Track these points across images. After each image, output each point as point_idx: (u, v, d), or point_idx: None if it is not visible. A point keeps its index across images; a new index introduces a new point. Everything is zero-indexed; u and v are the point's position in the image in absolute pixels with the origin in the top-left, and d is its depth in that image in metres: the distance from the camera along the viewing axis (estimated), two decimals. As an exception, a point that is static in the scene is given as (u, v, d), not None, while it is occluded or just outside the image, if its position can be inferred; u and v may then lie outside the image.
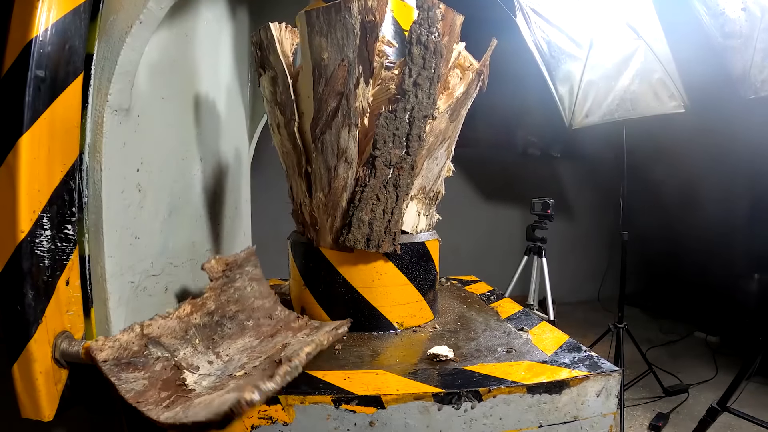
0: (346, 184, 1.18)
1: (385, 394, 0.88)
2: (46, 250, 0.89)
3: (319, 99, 1.13)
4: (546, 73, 2.77)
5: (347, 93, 1.11)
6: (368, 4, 1.06)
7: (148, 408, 0.78)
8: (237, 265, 1.23)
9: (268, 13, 1.96)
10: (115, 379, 0.82)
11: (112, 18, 1.05)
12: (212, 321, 1.08)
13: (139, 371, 0.87)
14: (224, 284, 1.17)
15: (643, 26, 2.50)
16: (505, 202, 4.97)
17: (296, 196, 1.34)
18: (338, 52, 1.09)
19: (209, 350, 1.02)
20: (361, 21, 1.07)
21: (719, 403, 2.03)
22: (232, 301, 1.16)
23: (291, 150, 1.27)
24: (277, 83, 1.25)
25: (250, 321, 1.16)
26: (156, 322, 0.96)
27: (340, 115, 1.13)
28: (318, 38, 1.10)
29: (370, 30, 1.08)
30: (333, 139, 1.15)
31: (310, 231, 1.30)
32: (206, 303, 1.09)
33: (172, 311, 1.01)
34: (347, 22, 1.07)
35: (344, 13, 1.06)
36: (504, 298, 1.66)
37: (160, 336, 0.95)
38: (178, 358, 0.94)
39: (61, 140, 0.93)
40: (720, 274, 3.86)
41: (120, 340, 0.88)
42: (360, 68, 1.11)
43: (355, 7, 1.06)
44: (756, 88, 1.93)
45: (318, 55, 1.11)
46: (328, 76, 1.11)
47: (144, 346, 0.91)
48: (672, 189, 4.28)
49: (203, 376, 0.93)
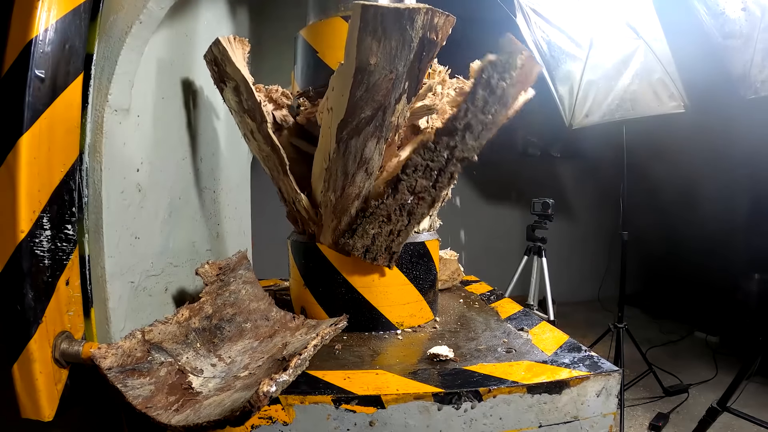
0: (360, 193, 1.15)
1: (385, 394, 0.88)
2: (46, 250, 0.89)
3: (355, 103, 1.05)
4: (546, 73, 2.76)
5: (386, 105, 1.04)
6: (434, 20, 0.96)
7: (157, 413, 0.78)
8: (230, 269, 1.25)
9: (268, 13, 1.97)
10: (121, 386, 0.82)
11: (112, 18, 1.05)
12: (211, 324, 1.08)
13: (144, 377, 0.87)
14: (219, 288, 1.18)
15: (643, 26, 2.50)
16: (505, 202, 4.98)
17: (287, 196, 1.31)
18: (388, 62, 0.99)
19: (211, 353, 1.02)
20: (422, 36, 0.97)
21: (719, 403, 2.03)
22: (229, 304, 1.17)
23: (270, 152, 1.24)
24: (240, 92, 1.22)
25: (248, 323, 1.17)
26: (156, 327, 0.96)
27: (372, 125, 1.06)
28: (369, 39, 0.97)
29: (428, 48, 0.99)
30: (358, 146, 1.10)
31: (310, 226, 1.29)
32: (203, 307, 1.10)
33: (171, 317, 1.02)
34: (406, 34, 0.96)
35: (406, 23, 0.95)
36: (504, 298, 1.66)
37: (162, 341, 0.95)
38: (181, 363, 0.94)
39: (61, 140, 0.93)
40: (720, 274, 3.87)
41: (123, 347, 0.88)
42: (406, 84, 1.03)
43: (419, 21, 0.95)
44: (756, 88, 1.93)
45: (365, 58, 0.99)
46: (370, 83, 1.01)
47: (147, 352, 0.91)
48: (672, 189, 4.28)
49: (208, 379, 0.94)
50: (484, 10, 2.83)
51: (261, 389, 0.70)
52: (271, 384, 0.71)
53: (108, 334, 1.05)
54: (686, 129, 3.29)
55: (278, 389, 0.73)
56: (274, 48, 1.95)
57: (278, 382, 0.73)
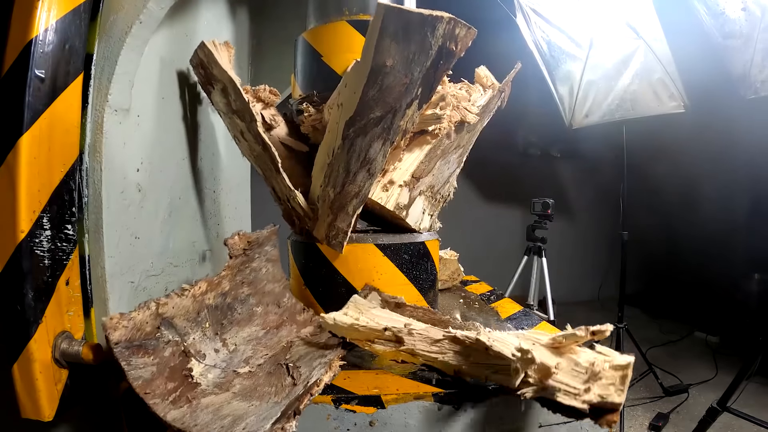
0: (360, 192, 1.15)
1: (385, 394, 0.89)
2: (46, 250, 0.89)
3: (366, 102, 1.05)
4: (546, 73, 2.77)
5: (397, 109, 1.04)
6: (455, 31, 0.96)
7: (154, 401, 0.78)
8: (258, 244, 1.21)
9: (268, 13, 1.96)
10: (125, 364, 0.81)
11: (112, 18, 1.05)
12: (224, 303, 1.07)
13: (148, 356, 0.86)
14: (242, 263, 1.15)
15: (643, 26, 2.51)
16: (505, 202, 4.98)
17: (281, 194, 1.30)
18: (404, 67, 0.98)
19: (217, 336, 1.02)
20: (441, 45, 0.97)
21: (719, 403, 2.03)
22: (246, 283, 1.15)
23: (261, 151, 1.24)
24: (228, 93, 1.23)
25: (260, 306, 1.16)
26: (172, 300, 0.94)
27: (380, 127, 1.06)
28: (388, 41, 0.96)
29: (446, 57, 0.99)
30: (364, 146, 1.10)
31: (306, 222, 1.28)
32: (221, 282, 1.08)
33: (188, 287, 0.99)
34: (426, 41, 0.95)
35: (427, 30, 0.94)
36: (504, 298, 1.66)
37: (174, 317, 0.94)
38: (187, 344, 0.94)
39: (61, 140, 0.93)
40: (720, 274, 3.87)
41: (135, 319, 0.86)
42: (419, 90, 1.03)
43: (440, 29, 0.95)
44: (756, 88, 1.93)
45: (381, 59, 0.98)
46: (384, 84, 1.01)
47: (156, 328, 0.90)
48: (672, 189, 4.28)
49: (209, 368, 0.93)
50: (484, 10, 2.83)
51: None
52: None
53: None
54: (686, 129, 3.29)
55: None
56: (274, 48, 1.95)
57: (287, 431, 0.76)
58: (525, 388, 0.78)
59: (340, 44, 1.30)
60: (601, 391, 0.72)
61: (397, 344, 0.95)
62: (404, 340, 0.95)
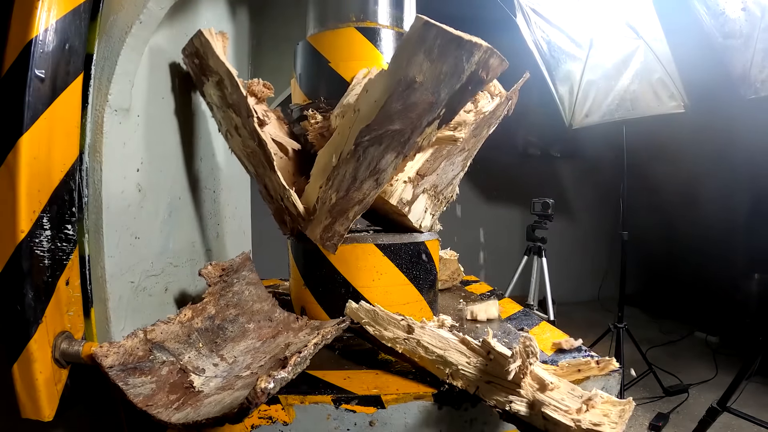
0: (363, 200, 1.14)
1: (385, 394, 0.89)
2: (46, 250, 0.89)
3: (387, 113, 1.02)
4: (546, 73, 2.77)
5: (416, 125, 1.02)
6: (490, 60, 0.96)
7: (158, 411, 0.78)
8: (233, 270, 1.24)
9: (268, 13, 1.96)
10: (122, 384, 0.82)
11: (112, 18, 1.05)
12: (213, 325, 1.08)
13: (145, 375, 0.87)
14: (222, 289, 1.18)
15: (643, 26, 2.51)
16: (505, 202, 4.98)
17: (274, 193, 1.27)
18: (434, 85, 0.97)
19: (213, 353, 1.02)
20: (473, 71, 0.96)
21: (719, 403, 2.03)
22: (232, 305, 1.17)
23: (256, 148, 1.22)
24: (224, 85, 1.20)
25: (251, 324, 1.17)
26: (158, 327, 0.96)
27: (396, 140, 1.05)
28: (421, 57, 0.95)
29: (475, 84, 0.99)
30: (376, 156, 1.08)
31: (299, 222, 1.25)
32: (206, 308, 1.10)
33: (174, 317, 1.01)
34: (460, 64, 0.94)
35: (463, 55, 0.93)
36: (504, 298, 1.66)
37: (164, 341, 0.95)
38: (183, 362, 0.94)
39: (61, 140, 0.93)
40: (720, 274, 3.87)
41: (124, 346, 0.88)
42: (443, 111, 1.02)
43: (476, 56, 0.94)
44: (756, 88, 1.93)
45: (411, 73, 0.97)
46: (408, 100, 1.00)
47: (149, 351, 0.91)
48: (672, 189, 4.28)
49: (210, 378, 0.93)
50: (484, 10, 2.84)
51: (259, 386, 0.69)
52: (269, 381, 0.71)
53: (108, 334, 1.05)
54: (686, 129, 3.29)
55: (276, 386, 0.73)
56: (274, 48, 1.95)
57: (276, 378, 0.72)
58: (517, 402, 0.80)
59: (349, 51, 1.29)
60: (594, 419, 0.72)
61: (408, 332, 0.98)
62: (415, 330, 0.98)
